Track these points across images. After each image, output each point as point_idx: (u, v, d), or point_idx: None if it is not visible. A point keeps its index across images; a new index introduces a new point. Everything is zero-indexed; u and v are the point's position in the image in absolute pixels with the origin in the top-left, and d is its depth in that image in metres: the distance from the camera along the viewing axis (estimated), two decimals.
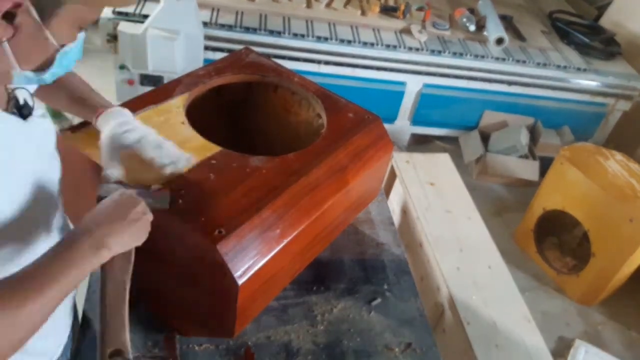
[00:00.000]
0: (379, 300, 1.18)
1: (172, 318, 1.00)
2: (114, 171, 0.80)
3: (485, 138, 2.92)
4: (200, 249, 0.77)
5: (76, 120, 0.96)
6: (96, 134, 0.84)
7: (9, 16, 0.58)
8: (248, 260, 0.80)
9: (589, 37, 2.96)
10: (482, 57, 2.69)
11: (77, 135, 0.90)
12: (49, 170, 0.77)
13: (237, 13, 2.55)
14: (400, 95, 2.77)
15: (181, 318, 0.98)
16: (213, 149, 0.92)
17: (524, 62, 2.74)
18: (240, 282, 0.77)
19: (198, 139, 0.94)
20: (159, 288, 0.97)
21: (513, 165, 2.80)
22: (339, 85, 2.63)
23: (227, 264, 0.76)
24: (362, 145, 1.06)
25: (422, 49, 2.64)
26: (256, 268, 0.80)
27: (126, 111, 0.86)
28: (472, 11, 2.92)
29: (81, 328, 1.02)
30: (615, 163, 2.23)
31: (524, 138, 2.84)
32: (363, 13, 2.75)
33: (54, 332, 0.89)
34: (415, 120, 2.89)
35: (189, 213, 0.80)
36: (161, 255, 0.88)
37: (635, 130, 3.02)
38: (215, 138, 0.95)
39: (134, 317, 1.03)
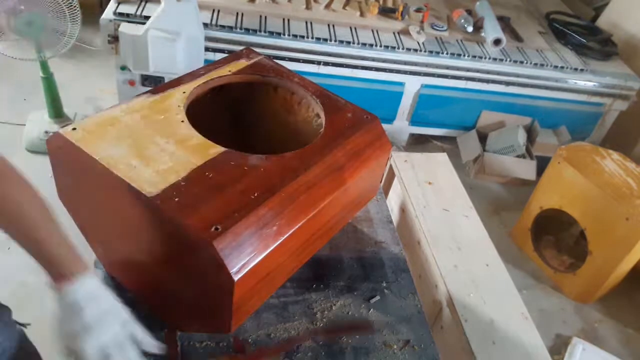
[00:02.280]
0: (377, 297, 1.20)
1: (170, 314, 1.02)
2: None
3: (483, 138, 2.94)
4: (197, 246, 0.79)
5: (78, 117, 0.98)
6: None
7: None
8: (244, 256, 0.81)
9: (586, 37, 2.98)
10: (480, 57, 2.71)
11: (78, 133, 0.91)
12: None
13: (237, 14, 2.57)
14: (398, 95, 2.79)
15: (179, 314, 1.00)
16: (212, 147, 0.94)
17: (522, 62, 2.76)
18: (236, 278, 0.79)
19: (197, 138, 0.95)
20: (157, 284, 0.98)
21: (510, 165, 2.82)
22: (338, 85, 2.64)
23: (223, 260, 0.77)
24: (360, 145, 1.07)
25: (421, 50, 2.66)
26: (252, 265, 0.82)
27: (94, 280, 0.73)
28: (469, 12, 2.94)
29: None
30: (612, 162, 2.25)
31: (521, 138, 2.86)
32: (362, 14, 2.76)
33: None
34: (414, 120, 2.91)
35: (185, 210, 0.81)
36: (159, 252, 0.89)
37: (632, 130, 3.04)
38: (214, 137, 0.97)
39: (134, 315, 1.05)
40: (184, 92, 1.05)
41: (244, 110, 1.24)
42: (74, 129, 0.90)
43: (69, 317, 0.70)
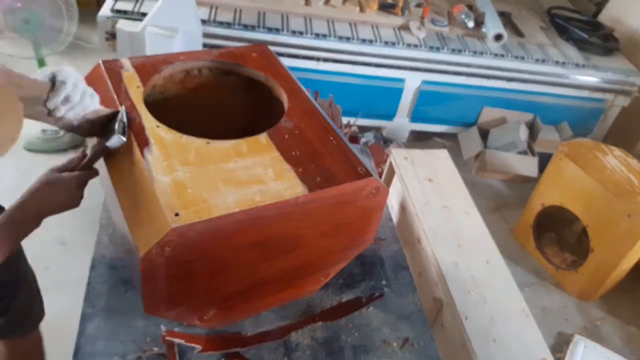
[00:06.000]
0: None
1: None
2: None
3: (484, 134, 2.92)
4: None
5: None
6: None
7: None
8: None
9: (588, 33, 2.96)
10: (481, 53, 2.69)
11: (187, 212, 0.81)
12: None
13: (235, 10, 2.56)
14: (399, 92, 2.77)
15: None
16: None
17: (523, 58, 2.74)
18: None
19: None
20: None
21: (512, 162, 2.81)
22: (337, 82, 2.63)
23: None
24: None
25: (421, 46, 2.64)
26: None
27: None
28: (470, 8, 2.92)
29: (80, 323, 1.03)
30: (613, 159, 2.24)
31: (523, 134, 2.84)
32: (361, 10, 2.75)
33: None
34: (414, 117, 2.90)
35: None
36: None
37: (634, 126, 3.02)
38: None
39: (134, 313, 1.04)
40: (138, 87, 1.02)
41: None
42: (177, 214, 0.79)
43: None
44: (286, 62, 1.26)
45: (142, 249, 0.77)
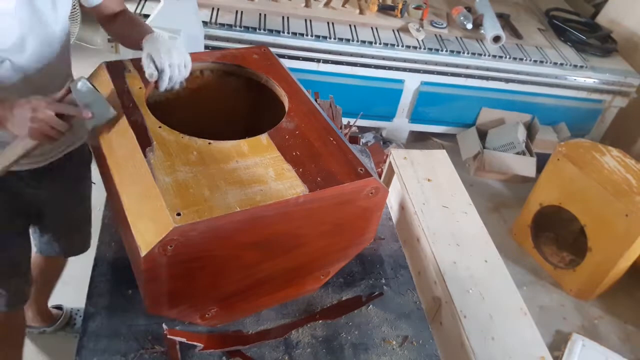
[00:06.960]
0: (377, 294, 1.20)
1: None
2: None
3: (482, 135, 2.94)
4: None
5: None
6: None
7: None
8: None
9: (586, 34, 2.98)
10: (480, 55, 2.71)
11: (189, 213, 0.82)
12: None
13: (236, 12, 2.57)
14: (398, 93, 2.79)
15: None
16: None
17: (521, 59, 2.75)
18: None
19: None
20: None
21: (510, 162, 2.82)
22: (337, 83, 2.65)
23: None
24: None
25: (420, 47, 2.66)
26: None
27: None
28: (469, 9, 2.94)
29: (83, 322, 1.04)
30: (611, 159, 2.25)
31: (521, 135, 2.86)
32: (361, 12, 2.76)
33: None
34: (414, 117, 2.91)
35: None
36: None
37: (632, 127, 3.04)
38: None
39: (136, 311, 1.06)
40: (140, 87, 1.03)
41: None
42: (179, 214, 0.79)
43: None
44: (287, 63, 1.27)
45: (144, 248, 0.78)
